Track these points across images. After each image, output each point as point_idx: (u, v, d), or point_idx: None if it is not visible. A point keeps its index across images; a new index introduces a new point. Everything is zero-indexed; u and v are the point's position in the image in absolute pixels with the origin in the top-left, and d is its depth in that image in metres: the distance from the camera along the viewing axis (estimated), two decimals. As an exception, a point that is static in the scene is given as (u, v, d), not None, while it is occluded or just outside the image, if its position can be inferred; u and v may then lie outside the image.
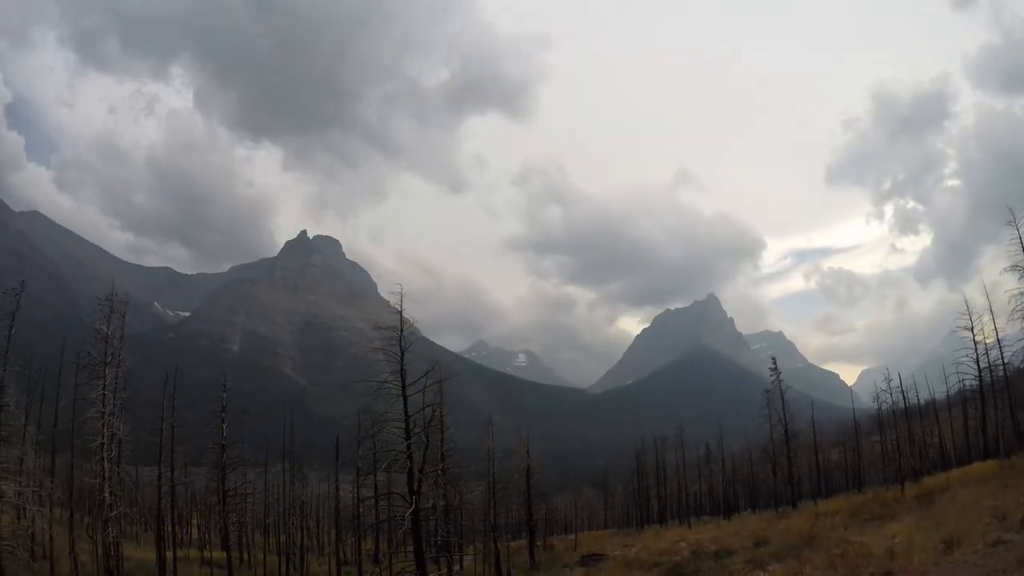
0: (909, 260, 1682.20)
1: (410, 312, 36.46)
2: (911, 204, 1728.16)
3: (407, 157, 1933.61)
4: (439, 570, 41.59)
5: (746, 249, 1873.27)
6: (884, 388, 68.39)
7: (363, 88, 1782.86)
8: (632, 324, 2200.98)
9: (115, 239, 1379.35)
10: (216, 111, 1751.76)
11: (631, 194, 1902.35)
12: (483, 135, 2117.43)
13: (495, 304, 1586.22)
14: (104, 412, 34.21)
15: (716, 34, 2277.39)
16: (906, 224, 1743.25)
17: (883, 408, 69.58)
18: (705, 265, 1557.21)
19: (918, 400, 74.70)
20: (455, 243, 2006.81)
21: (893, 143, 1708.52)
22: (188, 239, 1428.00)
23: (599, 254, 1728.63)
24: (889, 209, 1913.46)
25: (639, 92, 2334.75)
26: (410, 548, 35.98)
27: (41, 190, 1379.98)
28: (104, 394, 34.46)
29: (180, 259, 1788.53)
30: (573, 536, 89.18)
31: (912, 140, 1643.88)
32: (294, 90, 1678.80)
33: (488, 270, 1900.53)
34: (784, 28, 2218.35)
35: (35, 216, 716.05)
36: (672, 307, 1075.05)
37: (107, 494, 34.13)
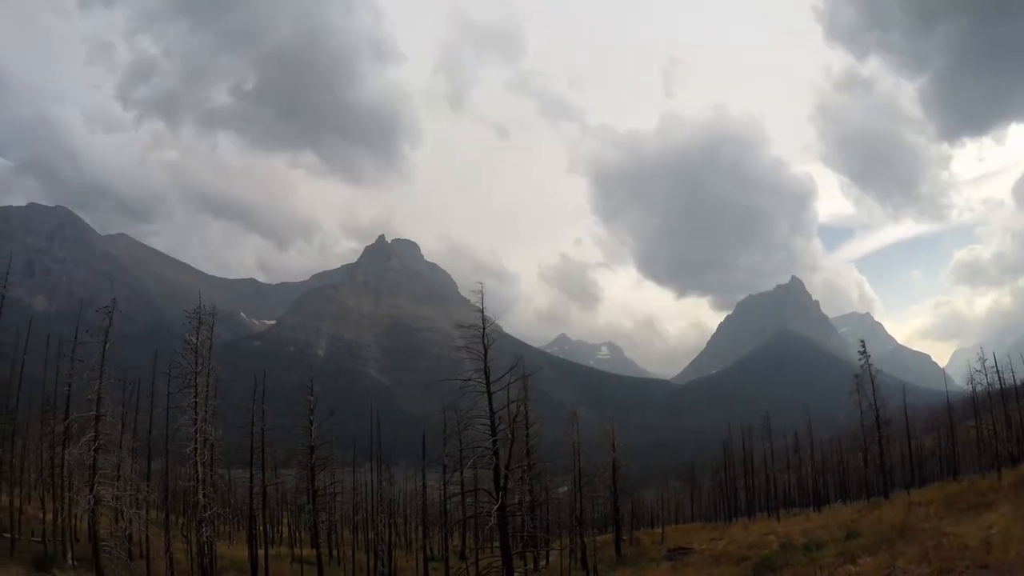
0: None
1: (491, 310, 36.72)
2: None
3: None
4: (525, 565, 41.89)
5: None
6: (979, 369, 65.63)
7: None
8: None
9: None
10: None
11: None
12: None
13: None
14: (196, 419, 35.49)
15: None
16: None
17: (978, 390, 66.63)
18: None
19: (1015, 381, 71.37)
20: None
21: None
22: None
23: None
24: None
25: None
26: (496, 543, 36.18)
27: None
28: (196, 402, 35.69)
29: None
30: (659, 530, 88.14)
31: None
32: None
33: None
34: None
35: (121, 238, 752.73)
36: (754, 292, 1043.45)
37: (201, 496, 35.51)
